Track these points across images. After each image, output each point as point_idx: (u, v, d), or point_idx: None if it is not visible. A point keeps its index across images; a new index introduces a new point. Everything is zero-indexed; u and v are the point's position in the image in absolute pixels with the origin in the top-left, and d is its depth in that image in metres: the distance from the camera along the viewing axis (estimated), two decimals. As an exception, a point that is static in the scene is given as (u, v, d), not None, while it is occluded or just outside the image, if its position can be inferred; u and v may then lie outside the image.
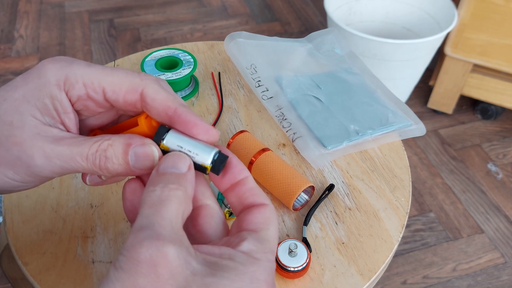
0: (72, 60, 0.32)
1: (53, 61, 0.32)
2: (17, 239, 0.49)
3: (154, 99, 0.31)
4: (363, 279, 0.47)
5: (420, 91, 1.69)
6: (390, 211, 0.53)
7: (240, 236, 0.29)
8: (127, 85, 0.32)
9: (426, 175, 1.42)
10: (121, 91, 0.32)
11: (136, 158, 0.30)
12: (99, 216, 0.51)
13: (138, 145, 0.30)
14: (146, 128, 0.32)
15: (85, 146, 0.30)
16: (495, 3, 1.31)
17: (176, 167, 0.29)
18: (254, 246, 0.28)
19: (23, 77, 0.32)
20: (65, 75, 0.31)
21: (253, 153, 0.54)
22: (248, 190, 0.31)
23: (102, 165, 0.30)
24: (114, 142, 0.31)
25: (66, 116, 0.32)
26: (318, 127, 0.62)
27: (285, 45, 0.73)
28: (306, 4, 2.15)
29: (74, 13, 2.04)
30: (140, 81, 0.32)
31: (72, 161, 0.30)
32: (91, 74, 0.32)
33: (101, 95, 0.32)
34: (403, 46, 1.35)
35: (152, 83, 0.32)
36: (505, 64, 1.40)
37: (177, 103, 0.31)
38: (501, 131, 1.57)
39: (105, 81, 0.32)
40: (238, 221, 0.30)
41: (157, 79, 0.32)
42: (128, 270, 0.24)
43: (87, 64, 0.32)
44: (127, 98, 0.32)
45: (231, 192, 0.32)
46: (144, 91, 0.31)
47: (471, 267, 1.22)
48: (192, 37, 1.93)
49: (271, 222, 0.30)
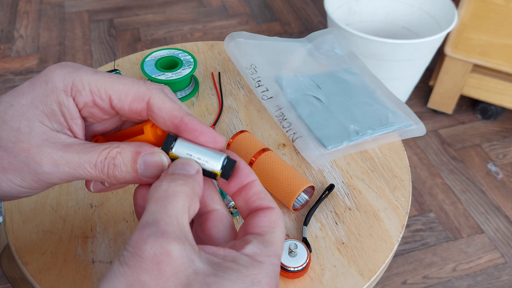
0: (79, 66, 0.33)
1: (60, 66, 0.32)
2: (17, 239, 0.49)
3: (161, 108, 0.31)
4: (363, 279, 0.47)
5: (420, 91, 1.69)
6: (390, 211, 0.53)
7: (245, 239, 0.29)
8: (134, 94, 0.32)
9: (426, 175, 1.42)
10: (127, 99, 0.32)
11: (145, 167, 0.30)
12: (99, 216, 0.51)
13: (147, 153, 0.31)
14: (152, 136, 0.32)
15: (94, 154, 0.30)
16: (495, 3, 1.31)
17: (185, 169, 0.30)
18: (258, 250, 0.28)
19: (30, 82, 0.32)
20: (72, 81, 0.31)
21: (253, 153, 0.54)
22: (255, 193, 0.31)
23: (111, 173, 0.30)
24: (123, 150, 0.31)
25: (74, 122, 0.32)
26: (318, 127, 0.62)
27: (285, 45, 0.73)
28: (306, 4, 2.15)
29: (74, 13, 2.04)
30: (147, 90, 0.32)
31: (80, 168, 0.30)
32: (97, 81, 0.32)
33: (107, 102, 0.32)
34: (403, 46, 1.35)
35: (158, 92, 0.32)
36: (505, 64, 1.40)
37: (184, 112, 0.31)
38: (501, 131, 1.58)
39: (112, 88, 0.32)
40: (245, 224, 0.31)
41: (162, 88, 0.33)
42: (132, 266, 0.24)
43: (93, 71, 0.32)
44: (133, 107, 0.32)
45: (238, 195, 0.32)
46: (151, 100, 0.32)
47: (471, 267, 1.22)
48: (192, 37, 1.93)
49: (277, 225, 0.30)
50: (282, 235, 0.30)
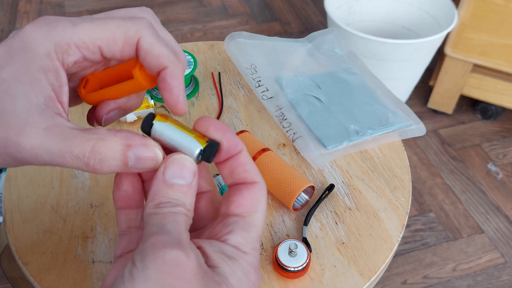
0: (55, 21, 0.29)
1: (34, 27, 0.29)
2: (17, 239, 0.49)
3: (147, 54, 0.29)
4: (363, 279, 0.47)
5: (420, 91, 1.69)
6: (390, 211, 0.53)
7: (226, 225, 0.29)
8: (123, 38, 0.29)
9: (426, 175, 1.42)
10: (117, 46, 0.30)
11: (137, 161, 0.28)
12: (99, 216, 0.51)
13: (139, 146, 0.28)
14: (143, 80, 0.31)
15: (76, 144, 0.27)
16: (495, 3, 1.31)
17: (183, 177, 0.29)
18: (241, 239, 0.29)
19: (5, 50, 0.28)
20: (53, 42, 0.28)
21: (253, 153, 0.54)
22: (241, 165, 0.30)
23: (97, 167, 0.28)
24: (110, 142, 0.28)
25: (62, 90, 0.29)
26: (318, 127, 0.62)
27: (285, 45, 0.73)
28: (306, 4, 2.15)
29: (74, 13, 2.04)
30: (135, 32, 0.29)
31: (60, 158, 0.28)
32: (81, 33, 0.29)
33: (98, 54, 0.30)
34: (403, 46, 1.35)
35: (147, 34, 0.30)
36: (505, 64, 1.40)
37: (169, 61, 0.30)
38: (501, 131, 1.58)
39: (99, 38, 0.29)
40: (227, 200, 0.30)
41: (151, 23, 0.30)
42: (155, 270, 0.25)
43: (72, 24, 0.29)
44: (124, 52, 0.30)
45: (223, 164, 0.31)
46: (139, 43, 0.30)
47: (471, 267, 1.22)
48: (192, 37, 1.93)
49: (259, 203, 0.30)
50: (264, 212, 0.30)
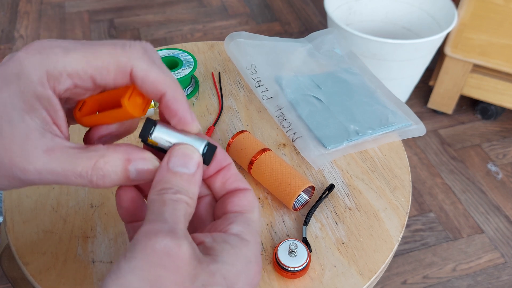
0: (48, 47, 0.29)
1: (27, 53, 0.29)
2: (17, 239, 0.49)
3: (144, 81, 0.30)
4: (363, 279, 0.47)
5: (420, 91, 1.69)
6: (390, 211, 0.53)
7: (227, 218, 0.30)
8: (115, 68, 0.29)
9: (426, 175, 1.42)
10: (110, 75, 0.30)
11: (138, 173, 0.30)
12: (99, 216, 0.51)
13: (138, 160, 0.29)
14: (131, 109, 0.30)
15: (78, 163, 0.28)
16: (495, 3, 1.31)
17: (186, 166, 0.30)
18: (243, 228, 0.30)
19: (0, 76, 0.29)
20: (45, 70, 0.29)
21: (253, 153, 0.54)
22: (233, 175, 0.33)
23: (100, 182, 0.29)
24: (111, 158, 0.29)
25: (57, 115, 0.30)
26: (318, 127, 0.62)
27: (285, 45, 0.73)
28: (306, 4, 2.15)
29: (74, 13, 2.04)
30: (128, 60, 0.29)
31: (64, 178, 0.28)
32: (73, 62, 0.29)
33: (89, 82, 0.30)
34: (403, 46, 1.35)
35: (140, 62, 0.30)
36: (505, 64, 1.40)
37: (167, 86, 0.30)
38: (501, 131, 1.58)
39: (91, 67, 0.29)
40: (223, 203, 0.32)
41: (145, 51, 0.30)
42: (142, 259, 0.25)
43: (64, 51, 0.29)
44: (117, 81, 0.30)
45: (215, 177, 0.33)
46: (133, 72, 0.30)
47: (471, 267, 1.22)
48: (192, 37, 1.93)
49: (255, 205, 0.32)
50: (260, 214, 0.32)
